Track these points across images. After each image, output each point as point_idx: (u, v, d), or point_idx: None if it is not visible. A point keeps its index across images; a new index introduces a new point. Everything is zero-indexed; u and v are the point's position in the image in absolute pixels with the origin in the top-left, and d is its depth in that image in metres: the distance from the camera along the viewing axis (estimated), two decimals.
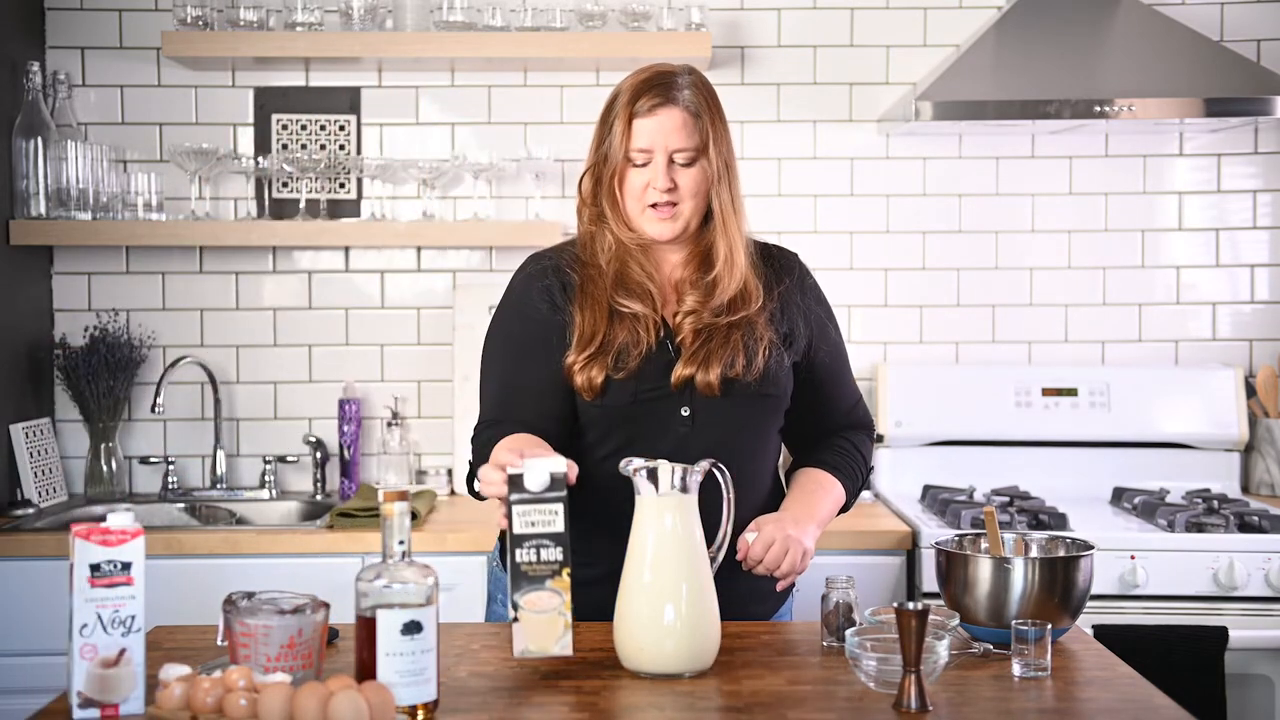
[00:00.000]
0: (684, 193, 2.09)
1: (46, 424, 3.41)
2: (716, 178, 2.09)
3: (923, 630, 1.62)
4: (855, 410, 2.29)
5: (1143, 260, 3.57)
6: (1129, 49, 3.29)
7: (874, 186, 3.56)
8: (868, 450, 2.28)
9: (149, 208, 3.41)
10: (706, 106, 2.09)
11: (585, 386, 2.06)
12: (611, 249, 2.12)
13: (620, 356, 2.06)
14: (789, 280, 2.20)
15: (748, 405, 2.10)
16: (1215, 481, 3.39)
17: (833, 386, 2.24)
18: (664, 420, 2.08)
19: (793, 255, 2.27)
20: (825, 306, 2.27)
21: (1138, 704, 1.68)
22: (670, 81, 2.09)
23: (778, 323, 2.15)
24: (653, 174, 2.07)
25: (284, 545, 2.95)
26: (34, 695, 2.12)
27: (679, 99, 2.07)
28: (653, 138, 2.07)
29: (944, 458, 3.42)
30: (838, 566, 2.44)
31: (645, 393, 2.07)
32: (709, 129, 2.08)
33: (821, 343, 2.20)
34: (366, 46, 3.35)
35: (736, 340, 2.08)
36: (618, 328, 2.08)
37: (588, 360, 2.06)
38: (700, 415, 2.08)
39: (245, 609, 1.65)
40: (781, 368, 2.13)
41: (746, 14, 3.54)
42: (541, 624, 1.75)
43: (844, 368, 2.27)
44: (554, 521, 1.75)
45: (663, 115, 2.07)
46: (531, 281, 2.16)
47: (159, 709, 1.55)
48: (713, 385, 2.06)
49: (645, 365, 2.07)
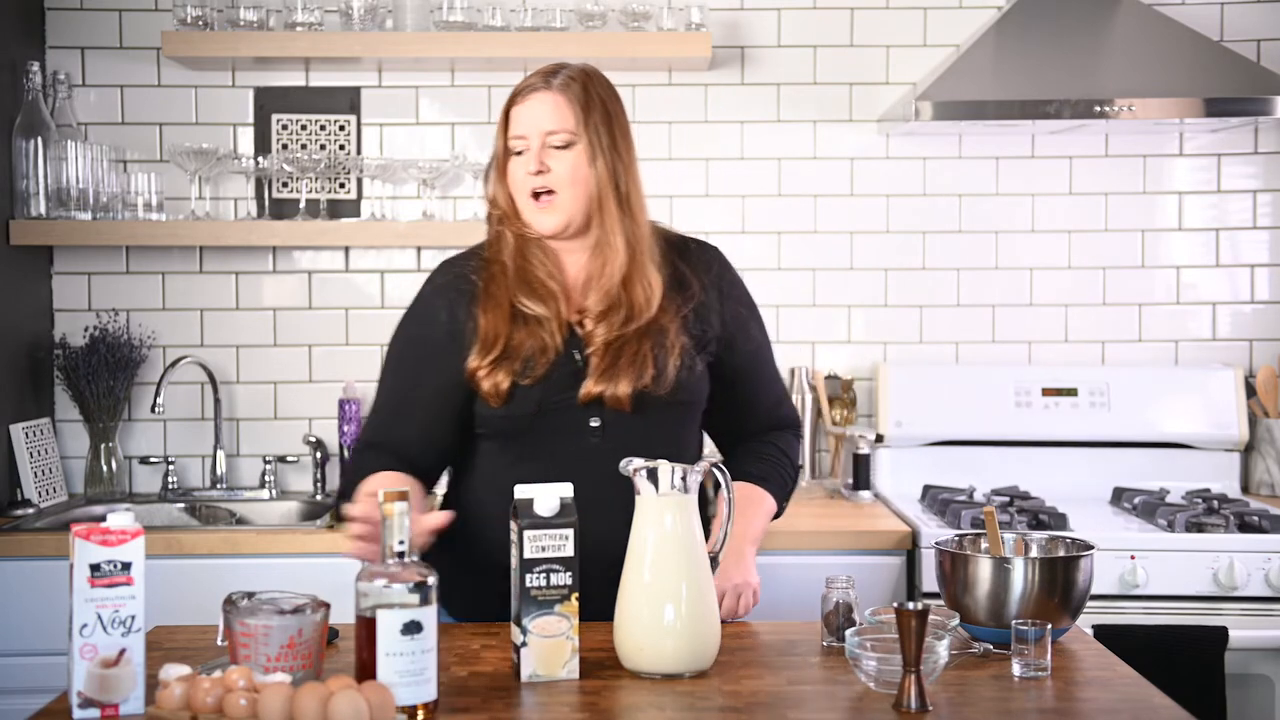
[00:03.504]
0: (559, 179, 2.05)
1: (46, 424, 3.41)
2: (598, 165, 2.05)
3: (923, 630, 1.62)
4: (779, 409, 2.26)
5: (1143, 260, 3.57)
6: (1129, 49, 3.29)
7: (874, 186, 3.56)
8: (795, 451, 2.26)
9: (149, 208, 3.41)
10: (585, 93, 2.06)
11: (491, 392, 2.02)
12: (512, 247, 2.10)
13: (528, 363, 2.03)
14: (705, 278, 2.15)
15: (660, 414, 2.07)
16: (1215, 481, 3.39)
17: (754, 386, 2.21)
18: (573, 430, 2.05)
19: (711, 250, 2.22)
20: (747, 303, 2.22)
21: (1138, 704, 1.68)
22: (549, 71, 2.09)
23: (691, 325, 2.10)
24: (527, 159, 2.06)
25: (284, 545, 2.95)
26: (34, 695, 2.12)
27: (553, 84, 2.07)
28: (525, 123, 2.06)
29: (944, 458, 3.42)
30: (838, 566, 2.44)
31: (553, 402, 2.04)
32: (583, 114, 2.05)
33: (741, 343, 2.17)
34: (366, 46, 3.35)
35: (646, 351, 2.04)
36: (521, 331, 2.04)
37: (492, 365, 2.03)
38: (611, 425, 2.05)
39: (245, 609, 1.65)
40: (694, 374, 2.09)
41: (746, 14, 3.54)
42: (550, 648, 1.75)
43: (765, 366, 2.23)
44: (564, 546, 1.75)
45: (534, 100, 2.07)
46: (436, 290, 2.14)
47: (159, 709, 1.55)
48: (622, 400, 2.03)
49: (552, 373, 2.04)
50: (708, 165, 3.55)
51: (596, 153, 2.05)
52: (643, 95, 3.53)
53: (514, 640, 1.77)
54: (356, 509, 1.82)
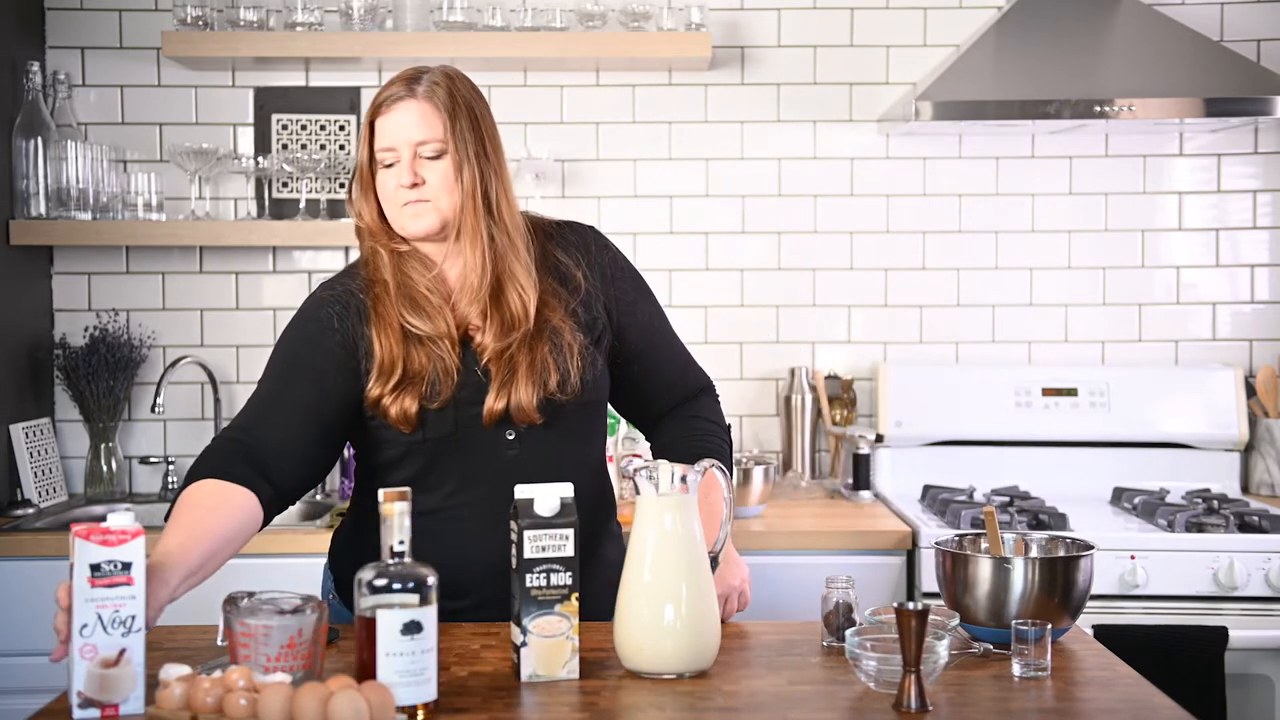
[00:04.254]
0: (433, 189, 1.99)
1: (46, 424, 3.41)
2: (475, 172, 2.00)
3: (923, 630, 1.62)
4: (687, 376, 2.21)
5: (1143, 260, 3.57)
6: (1129, 49, 3.29)
7: (874, 186, 3.56)
8: (716, 414, 2.21)
9: (149, 208, 3.41)
10: (450, 97, 2.00)
11: (400, 419, 1.98)
12: (388, 264, 2.03)
13: (433, 385, 1.99)
14: (585, 261, 2.10)
15: (571, 417, 2.04)
16: (1215, 481, 3.39)
17: (655, 361, 2.16)
18: (489, 445, 2.02)
19: (587, 230, 2.16)
20: (632, 278, 2.15)
21: (1138, 704, 1.68)
22: (412, 78, 2.02)
23: (581, 318, 2.06)
24: (399, 172, 2.00)
25: (284, 545, 2.95)
26: (34, 695, 2.12)
27: (417, 92, 2.00)
28: (393, 135, 2.00)
29: (944, 458, 3.42)
30: (838, 566, 2.45)
31: (466, 420, 2.00)
32: (450, 120, 1.99)
33: (632, 324, 2.12)
34: (366, 46, 3.35)
35: (544, 355, 2.01)
36: (417, 352, 1.99)
37: (396, 392, 1.98)
38: (526, 435, 2.02)
39: (245, 609, 1.65)
40: (597, 370, 2.06)
41: (746, 14, 3.54)
42: (550, 648, 1.75)
43: (662, 339, 2.18)
44: (564, 546, 1.75)
45: (399, 109, 2.00)
46: (321, 305, 2.06)
47: (159, 709, 1.55)
48: (528, 412, 1.99)
49: (459, 392, 2.00)
50: (708, 165, 3.55)
51: (464, 160, 2.00)
52: (643, 95, 3.53)
53: (514, 640, 1.77)
54: (61, 596, 1.63)
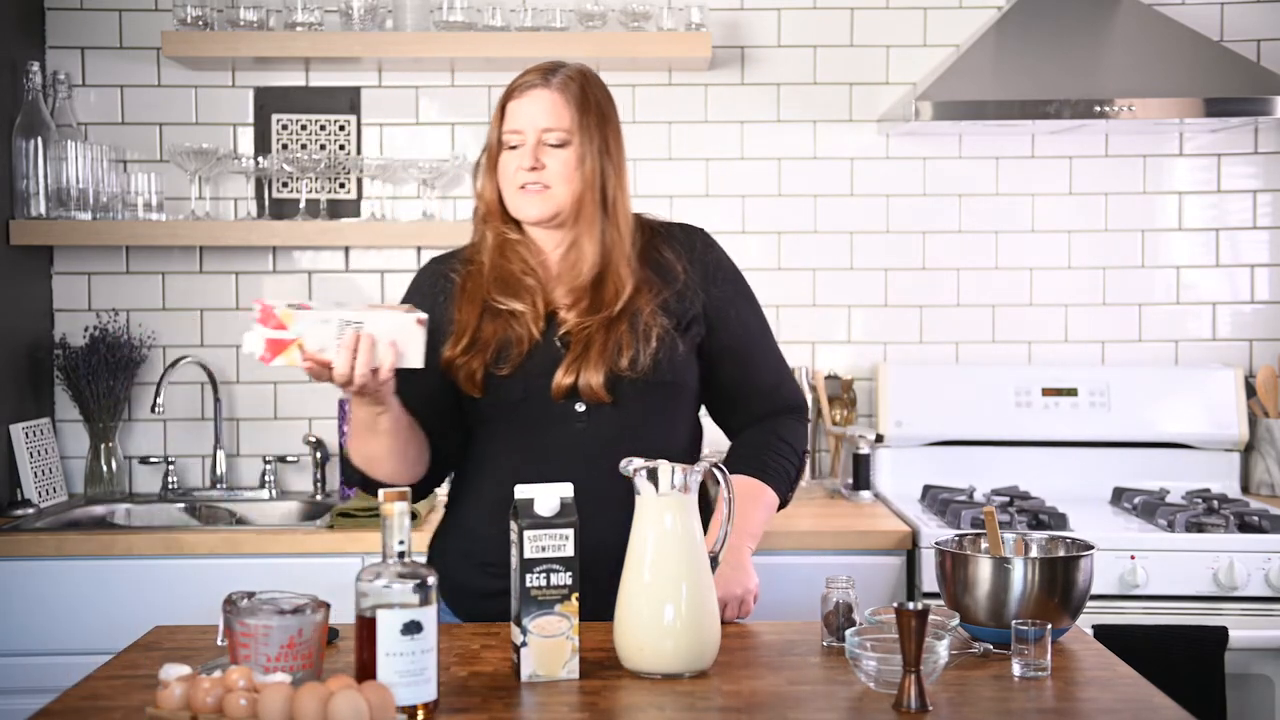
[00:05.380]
0: (553, 175, 2.07)
1: (46, 424, 3.41)
2: (596, 167, 2.08)
3: (923, 630, 1.62)
4: (779, 392, 2.23)
5: (1143, 260, 3.57)
6: (1129, 49, 3.29)
7: (874, 186, 3.56)
8: (796, 436, 2.22)
9: (149, 208, 3.41)
10: (582, 93, 2.09)
11: (467, 381, 2.06)
12: (491, 246, 2.13)
13: (501, 352, 2.06)
14: (688, 258, 2.16)
15: (643, 395, 2.07)
16: (1215, 481, 3.39)
17: (746, 367, 2.19)
18: (559, 418, 2.07)
19: (696, 231, 2.22)
20: (735, 282, 2.20)
21: (1138, 704, 1.68)
22: (549, 69, 2.12)
23: (670, 307, 2.11)
24: (521, 155, 2.08)
25: (284, 545, 2.95)
26: (34, 695, 2.12)
27: (550, 83, 2.09)
28: (521, 119, 2.08)
29: (944, 458, 3.42)
30: (838, 566, 2.45)
31: (535, 388, 2.06)
32: (579, 114, 2.08)
33: (727, 321, 2.16)
34: (366, 46, 3.35)
35: (621, 334, 2.06)
36: (493, 324, 2.08)
37: (464, 355, 2.07)
38: (595, 411, 2.07)
39: (245, 609, 1.65)
40: (676, 354, 2.09)
41: (746, 14, 3.54)
42: (550, 648, 1.75)
43: (758, 346, 2.21)
44: (564, 546, 1.75)
45: (531, 96, 2.09)
46: (424, 277, 2.20)
47: (159, 709, 1.55)
48: (596, 390, 2.04)
49: (530, 361, 2.06)
50: (708, 165, 3.55)
51: (587, 154, 2.08)
52: (643, 95, 3.53)
53: (514, 640, 1.77)
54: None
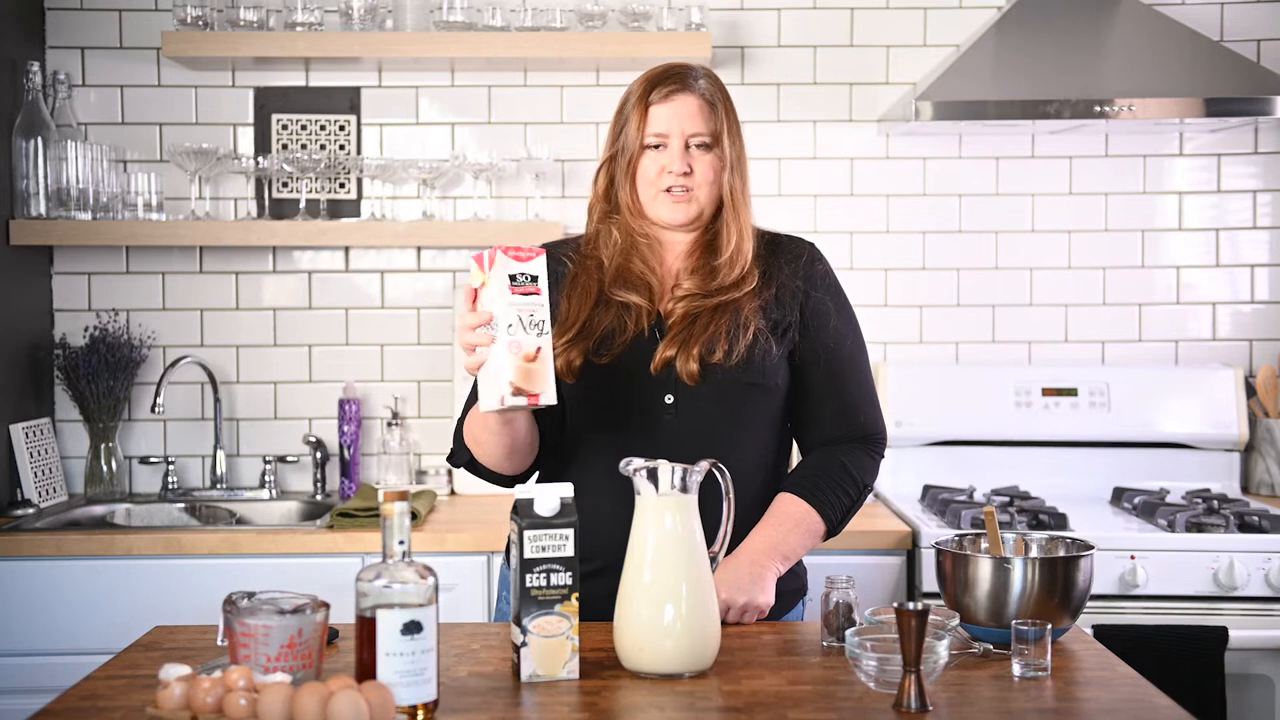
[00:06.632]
0: (699, 178, 2.13)
1: (46, 424, 3.41)
2: (729, 168, 2.13)
3: (923, 630, 1.62)
4: (857, 416, 2.18)
5: (1143, 260, 3.57)
6: (1129, 49, 3.29)
7: (874, 186, 3.56)
8: (862, 468, 2.17)
9: (149, 208, 3.41)
10: (721, 97, 2.15)
11: (564, 369, 2.07)
12: (617, 244, 2.15)
13: (604, 341, 2.09)
14: (794, 266, 2.20)
15: (732, 394, 2.09)
16: (1215, 481, 3.39)
17: (828, 379, 2.16)
18: (647, 407, 2.10)
19: (804, 242, 2.26)
20: (836, 297, 2.21)
21: (1138, 704, 1.68)
22: (685, 72, 2.15)
23: (770, 310, 2.14)
24: (668, 158, 2.12)
25: (284, 545, 2.95)
26: (34, 695, 2.13)
27: (694, 87, 2.13)
28: (669, 122, 2.12)
29: (944, 458, 3.42)
30: (838, 566, 2.44)
31: (626, 376, 2.09)
32: (724, 118, 2.14)
33: (818, 329, 2.16)
34: (366, 46, 3.36)
35: (721, 324, 2.09)
36: (605, 314, 2.11)
37: (567, 344, 2.09)
38: (684, 403, 2.09)
39: (245, 609, 1.65)
40: (769, 356, 2.11)
41: (746, 14, 3.54)
42: (549, 648, 1.75)
43: (846, 365, 2.18)
44: (564, 546, 1.76)
45: (679, 101, 2.12)
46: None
47: (159, 709, 1.55)
48: (692, 371, 2.07)
49: (628, 352, 2.09)
50: None
51: (731, 156, 2.14)
52: None
53: (514, 640, 1.77)
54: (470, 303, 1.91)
